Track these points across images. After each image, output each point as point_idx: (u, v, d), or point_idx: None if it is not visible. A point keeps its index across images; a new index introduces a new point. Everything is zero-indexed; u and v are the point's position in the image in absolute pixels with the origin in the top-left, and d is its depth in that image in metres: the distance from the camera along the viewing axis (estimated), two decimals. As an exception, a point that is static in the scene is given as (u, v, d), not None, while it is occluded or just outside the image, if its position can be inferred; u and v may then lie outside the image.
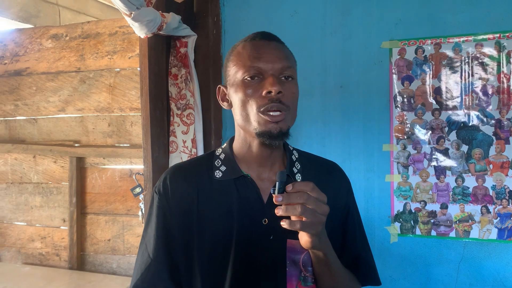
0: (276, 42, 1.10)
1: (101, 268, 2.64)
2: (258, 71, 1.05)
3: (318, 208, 0.92)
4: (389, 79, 2.06)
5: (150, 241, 1.13)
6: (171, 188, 1.14)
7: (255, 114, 1.04)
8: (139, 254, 1.16)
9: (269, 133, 1.04)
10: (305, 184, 0.93)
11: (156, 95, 2.01)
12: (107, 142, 2.58)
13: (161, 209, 1.14)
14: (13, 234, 2.81)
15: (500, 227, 1.93)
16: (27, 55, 2.71)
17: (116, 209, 2.59)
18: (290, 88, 1.06)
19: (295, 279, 1.08)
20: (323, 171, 1.24)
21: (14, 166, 2.79)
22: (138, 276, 1.13)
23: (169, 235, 1.13)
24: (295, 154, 1.21)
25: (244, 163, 1.14)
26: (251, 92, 1.05)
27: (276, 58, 1.05)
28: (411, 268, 2.05)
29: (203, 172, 1.15)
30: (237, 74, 1.07)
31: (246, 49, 1.08)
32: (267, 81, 1.03)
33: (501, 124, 1.92)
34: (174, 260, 1.12)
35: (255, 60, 1.05)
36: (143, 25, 1.74)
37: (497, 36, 1.92)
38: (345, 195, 1.23)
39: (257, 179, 1.13)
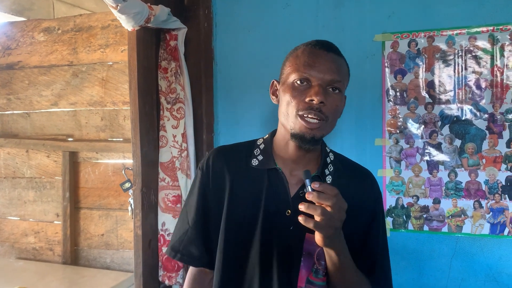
0: (333, 54, 1.17)
1: (94, 263, 2.64)
2: (307, 78, 1.13)
3: (337, 214, 1.00)
4: (381, 72, 2.04)
5: (191, 210, 1.30)
6: (213, 167, 1.28)
7: (294, 116, 1.13)
8: (179, 219, 1.34)
9: (302, 137, 1.13)
10: (331, 188, 1.01)
11: (146, 89, 1.99)
12: (100, 137, 2.57)
13: (202, 184, 1.29)
14: (6, 229, 2.80)
15: (492, 222, 1.92)
16: (19, 49, 2.69)
17: (110, 203, 2.58)
18: (334, 100, 1.14)
19: (308, 270, 1.18)
20: (355, 176, 1.32)
21: (7, 160, 2.78)
22: (176, 238, 1.31)
23: (207, 208, 1.27)
24: (331, 156, 1.30)
25: (280, 157, 1.24)
26: (295, 95, 1.13)
27: (328, 69, 1.13)
28: (403, 263, 2.04)
29: (242, 158, 1.28)
30: (290, 75, 1.16)
31: (304, 54, 1.16)
32: (312, 90, 1.11)
33: (494, 118, 1.90)
34: (208, 230, 1.27)
35: (308, 67, 1.13)
36: (130, 17, 1.71)
37: (491, 29, 1.89)
38: (373, 202, 1.30)
39: (288, 174, 1.22)
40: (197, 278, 1.32)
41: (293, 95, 1.13)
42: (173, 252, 1.30)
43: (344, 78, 1.19)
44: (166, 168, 2.08)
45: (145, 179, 1.99)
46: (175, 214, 2.06)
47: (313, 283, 1.18)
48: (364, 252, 1.24)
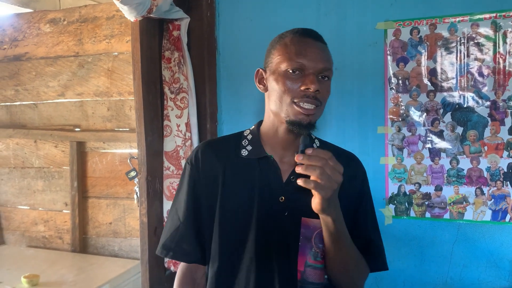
0: (321, 42, 1.20)
1: (103, 250, 2.69)
2: (301, 67, 1.15)
3: (333, 174, 1.02)
4: (384, 60, 2.04)
5: (181, 206, 1.28)
6: (202, 160, 1.28)
7: (289, 104, 1.15)
8: (169, 217, 1.32)
9: (299, 123, 1.15)
10: (324, 152, 1.03)
11: (149, 79, 2.01)
12: (107, 127, 2.60)
13: (192, 178, 1.28)
14: (16, 218, 2.86)
15: (494, 209, 1.93)
16: (25, 40, 2.72)
17: (117, 192, 2.62)
18: (325, 88, 1.17)
19: (306, 254, 1.20)
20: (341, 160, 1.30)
21: (16, 151, 2.83)
22: (167, 236, 1.29)
23: (197, 202, 1.27)
24: (317, 142, 1.33)
25: (269, 145, 1.26)
26: (290, 83, 1.15)
27: (320, 58, 1.16)
28: (405, 250, 2.06)
29: (231, 149, 1.29)
30: (281, 64, 1.17)
31: (294, 43, 1.17)
32: (307, 79, 1.14)
33: (496, 106, 1.90)
34: (200, 224, 1.26)
35: (301, 57, 1.15)
36: (132, 8, 1.73)
37: (493, 16, 1.88)
38: (359, 184, 1.32)
39: (279, 160, 1.25)
40: (188, 274, 1.31)
41: (287, 84, 1.15)
42: (164, 251, 1.29)
43: (332, 65, 1.22)
44: (170, 157, 2.11)
45: (150, 168, 2.03)
46: (180, 202, 2.09)
47: (312, 266, 1.20)
48: (356, 234, 1.25)
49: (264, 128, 1.28)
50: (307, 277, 1.20)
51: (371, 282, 2.11)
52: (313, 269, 1.20)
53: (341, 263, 1.20)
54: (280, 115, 1.18)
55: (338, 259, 1.19)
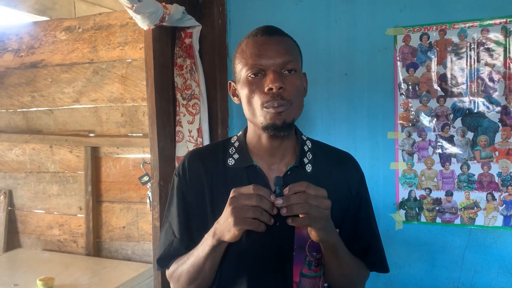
0: (277, 36, 1.13)
1: (116, 254, 2.72)
2: (260, 68, 1.09)
3: (319, 203, 0.96)
4: (393, 66, 2.05)
5: (174, 220, 1.23)
6: (189, 170, 1.23)
7: (260, 110, 1.09)
8: (163, 231, 1.27)
9: (273, 125, 1.08)
10: (299, 184, 0.97)
11: (162, 86, 2.05)
12: (121, 132, 2.64)
13: (180, 190, 1.23)
14: (32, 221, 2.91)
15: (505, 214, 1.92)
16: (42, 48, 2.78)
17: (130, 197, 2.66)
18: (292, 82, 1.10)
19: (300, 263, 1.15)
20: (336, 161, 1.27)
21: (32, 156, 2.89)
22: (162, 251, 1.24)
23: (188, 214, 1.22)
24: (308, 144, 1.25)
25: (255, 153, 1.20)
26: (254, 88, 1.09)
27: (276, 53, 1.09)
28: (416, 255, 2.06)
29: (218, 158, 1.23)
30: (242, 71, 1.12)
31: (248, 47, 1.11)
32: (268, 78, 1.07)
33: (507, 111, 1.89)
34: (193, 236, 1.20)
35: (256, 58, 1.09)
36: (145, 17, 1.77)
37: (503, 21, 1.88)
38: (357, 185, 1.27)
39: (267, 169, 1.19)
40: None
41: (251, 90, 1.10)
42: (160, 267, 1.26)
43: (296, 56, 1.14)
44: (182, 162, 2.14)
45: (162, 172, 2.06)
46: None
47: (306, 275, 1.16)
48: (356, 237, 1.22)
49: (249, 136, 1.23)
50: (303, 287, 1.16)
51: (381, 287, 2.11)
52: (308, 279, 1.16)
53: (342, 275, 1.18)
54: (256, 123, 1.13)
55: (338, 272, 1.16)
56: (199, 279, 1.16)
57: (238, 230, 0.98)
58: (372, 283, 2.11)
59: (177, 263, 1.21)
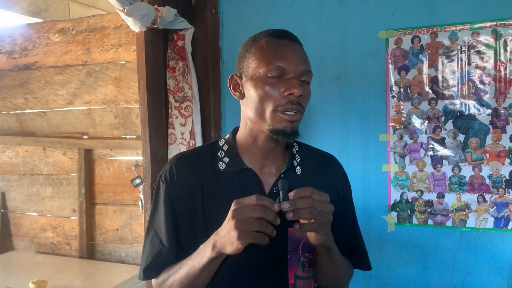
0: (298, 44, 1.12)
1: (110, 257, 2.71)
2: (281, 71, 1.07)
3: (324, 208, 0.97)
4: (385, 68, 2.06)
5: (160, 227, 1.18)
6: (177, 175, 1.18)
7: (272, 112, 1.07)
8: (147, 239, 1.21)
9: (283, 131, 1.07)
10: (304, 189, 0.96)
11: (154, 88, 2.05)
12: (114, 134, 2.64)
13: (168, 196, 1.18)
14: (25, 224, 2.90)
15: (496, 216, 1.93)
16: (35, 49, 2.78)
17: (124, 199, 2.65)
18: (307, 92, 1.11)
19: (295, 265, 1.14)
20: (321, 163, 1.29)
21: (25, 158, 2.88)
22: (148, 260, 1.18)
23: (177, 221, 1.17)
24: (296, 147, 1.25)
25: (247, 155, 1.18)
26: (270, 89, 1.07)
27: (299, 60, 1.08)
28: (408, 257, 2.06)
29: (207, 162, 1.19)
30: (259, 69, 1.08)
31: (271, 46, 1.09)
32: (290, 83, 1.06)
33: (497, 113, 1.90)
34: (182, 244, 1.17)
35: (280, 60, 1.07)
36: (137, 19, 1.77)
37: (494, 24, 1.89)
38: (343, 186, 1.29)
39: (259, 171, 1.17)
40: None
41: (267, 90, 1.07)
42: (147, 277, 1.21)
43: (311, 69, 1.14)
44: (175, 165, 2.14)
45: (154, 175, 2.05)
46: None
47: (301, 277, 1.15)
48: (342, 237, 1.22)
49: (241, 137, 1.19)
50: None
51: (374, 289, 2.12)
52: (303, 280, 1.16)
53: (333, 275, 1.19)
54: (260, 124, 1.10)
55: (330, 273, 1.18)
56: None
57: (242, 244, 0.95)
58: (364, 285, 2.12)
59: (167, 272, 1.17)
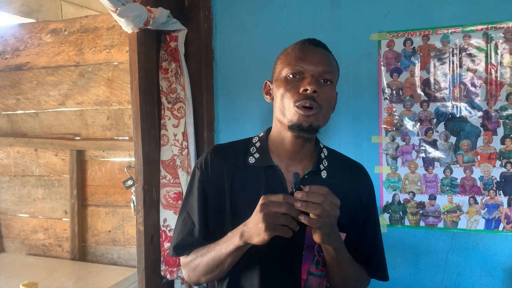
0: (322, 48, 1.23)
1: (102, 258, 2.70)
2: (300, 71, 1.17)
3: (331, 210, 1.02)
4: (378, 71, 2.07)
5: (193, 209, 1.29)
6: (211, 165, 1.29)
7: (291, 108, 1.16)
8: (180, 220, 1.32)
9: (300, 125, 1.15)
10: (320, 188, 1.03)
11: (147, 89, 2.04)
12: (106, 135, 2.63)
13: (201, 182, 1.29)
14: (16, 225, 2.88)
15: (487, 218, 1.94)
16: (27, 50, 2.76)
17: (116, 201, 2.64)
18: (326, 91, 1.18)
19: (309, 262, 1.23)
20: (348, 170, 1.36)
21: (16, 159, 2.86)
22: (179, 238, 1.29)
23: (207, 206, 1.28)
24: (325, 152, 1.34)
25: (276, 154, 1.27)
26: (290, 87, 1.17)
27: (318, 61, 1.18)
28: (400, 259, 2.07)
29: (239, 156, 1.30)
30: (282, 71, 1.21)
31: (294, 51, 1.21)
32: (305, 80, 1.15)
33: (488, 116, 1.92)
34: (211, 227, 1.27)
35: (299, 61, 1.18)
36: (129, 20, 1.76)
37: (485, 27, 1.91)
38: (367, 195, 1.35)
39: (285, 170, 1.26)
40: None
41: (287, 88, 1.17)
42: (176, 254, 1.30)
43: (335, 70, 1.23)
44: (167, 166, 2.13)
45: (146, 176, 2.05)
46: (176, 211, 2.11)
47: (314, 274, 1.23)
48: (361, 245, 1.29)
49: (272, 137, 1.30)
50: (310, 285, 1.24)
51: (366, 290, 2.12)
52: (315, 277, 1.24)
53: (341, 278, 1.24)
54: (283, 122, 1.20)
55: (338, 275, 1.23)
56: (216, 271, 1.22)
57: (268, 236, 1.03)
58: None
59: (196, 253, 1.26)
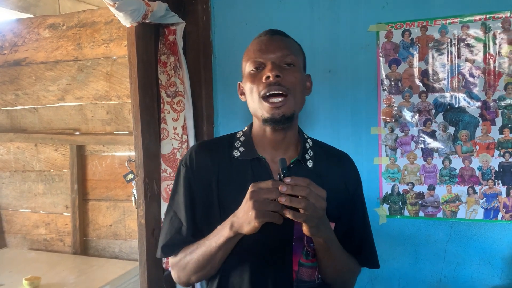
0: (279, 35, 1.24)
1: (103, 252, 2.71)
2: (261, 62, 1.18)
3: (317, 203, 1.01)
4: (376, 62, 2.07)
5: (180, 208, 1.27)
6: (196, 161, 1.28)
7: (259, 101, 1.17)
8: (166, 219, 1.30)
9: (273, 118, 1.16)
10: (303, 179, 1.01)
11: (146, 83, 2.05)
12: (106, 130, 2.63)
13: (187, 179, 1.28)
14: (18, 221, 2.89)
15: (486, 207, 1.95)
16: (25, 45, 2.76)
17: (117, 195, 2.65)
18: (291, 74, 1.17)
19: (299, 253, 1.22)
20: (334, 160, 1.34)
21: (16, 154, 2.87)
22: (167, 238, 1.27)
23: (194, 202, 1.27)
24: (309, 142, 1.32)
25: (260, 146, 1.27)
26: (254, 80, 1.18)
27: (275, 47, 1.18)
28: (400, 249, 2.08)
29: (224, 150, 1.29)
30: (246, 68, 1.22)
31: (252, 45, 1.23)
32: (266, 68, 1.16)
33: (487, 106, 1.92)
34: (199, 225, 1.26)
35: (258, 53, 1.19)
36: (127, 14, 1.76)
37: (483, 18, 1.91)
38: (354, 184, 1.34)
39: (270, 161, 1.25)
40: None
41: (252, 82, 1.18)
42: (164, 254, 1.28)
43: (296, 53, 1.22)
44: (167, 160, 2.14)
45: (147, 170, 2.06)
46: (177, 204, 2.12)
47: (304, 265, 1.23)
48: (350, 234, 1.29)
49: (254, 131, 1.29)
50: (301, 276, 1.23)
51: (366, 281, 2.14)
52: (306, 268, 1.23)
53: (333, 269, 1.24)
54: (258, 116, 1.21)
55: (330, 267, 1.22)
56: (207, 268, 1.21)
57: (259, 223, 1.02)
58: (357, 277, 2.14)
59: (185, 252, 1.24)
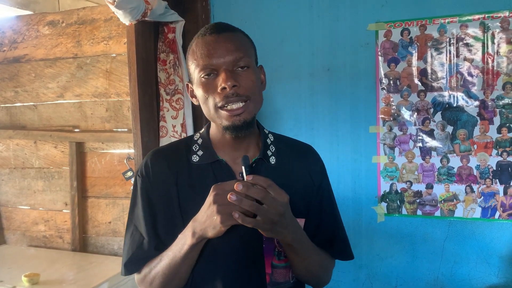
0: (226, 33, 1.10)
1: (103, 249, 2.71)
2: (212, 68, 1.07)
3: (272, 207, 0.94)
4: (375, 61, 2.08)
5: (140, 221, 1.19)
6: (152, 170, 1.19)
7: (215, 111, 1.07)
8: (127, 235, 1.21)
9: (233, 125, 1.07)
10: (264, 180, 0.94)
11: (145, 81, 2.05)
12: (105, 127, 2.63)
13: (145, 190, 1.19)
14: (17, 217, 2.89)
15: (483, 206, 1.96)
16: (25, 42, 2.75)
17: (116, 192, 2.65)
18: (247, 78, 1.08)
19: (270, 255, 1.16)
20: (297, 153, 1.28)
21: (16, 151, 2.87)
22: (129, 254, 1.18)
23: (154, 214, 1.18)
24: (270, 137, 1.25)
25: (220, 148, 1.18)
26: (208, 89, 1.08)
27: (226, 51, 1.07)
28: (397, 247, 2.09)
29: (182, 156, 1.20)
30: (195, 72, 1.10)
31: (198, 47, 1.10)
32: (220, 77, 1.05)
33: (485, 105, 1.93)
34: (161, 237, 1.17)
35: (206, 58, 1.07)
36: (127, 12, 1.77)
37: (482, 17, 1.91)
38: (319, 176, 1.27)
39: (232, 163, 1.17)
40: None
41: (205, 91, 1.08)
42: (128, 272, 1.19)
43: (248, 51, 1.12)
44: (166, 157, 2.14)
45: (146, 168, 2.06)
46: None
47: (278, 266, 1.17)
48: (321, 227, 1.23)
49: (213, 132, 1.21)
50: (275, 278, 1.17)
51: (364, 278, 2.15)
52: (280, 269, 1.17)
53: (305, 269, 1.18)
54: (216, 122, 1.12)
55: (301, 267, 1.17)
56: (175, 279, 1.14)
57: (225, 227, 0.96)
58: (355, 275, 2.15)
59: (149, 266, 1.16)
